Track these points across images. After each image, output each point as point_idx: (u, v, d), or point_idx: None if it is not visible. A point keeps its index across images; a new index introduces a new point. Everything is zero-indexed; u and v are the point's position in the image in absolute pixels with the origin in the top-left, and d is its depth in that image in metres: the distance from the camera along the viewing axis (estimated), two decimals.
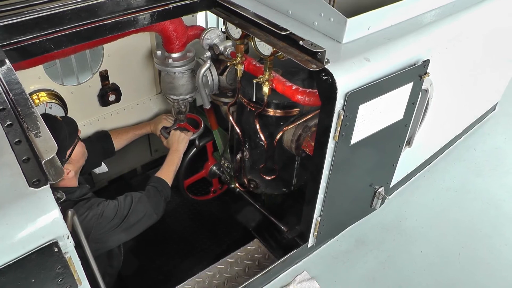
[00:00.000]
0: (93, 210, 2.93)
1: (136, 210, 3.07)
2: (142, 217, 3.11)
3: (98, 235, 2.95)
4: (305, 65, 2.25)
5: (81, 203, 2.96)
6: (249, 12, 2.67)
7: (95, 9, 2.49)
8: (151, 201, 3.18)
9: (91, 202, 2.99)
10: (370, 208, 3.30)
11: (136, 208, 3.08)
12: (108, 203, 3.02)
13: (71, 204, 2.93)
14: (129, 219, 3.04)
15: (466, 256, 3.29)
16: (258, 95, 3.06)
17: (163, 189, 3.33)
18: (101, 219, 2.94)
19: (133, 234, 3.14)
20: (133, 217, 3.06)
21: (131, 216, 3.05)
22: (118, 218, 3.00)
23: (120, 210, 3.02)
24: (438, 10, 2.99)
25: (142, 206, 3.12)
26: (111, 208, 3.00)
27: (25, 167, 1.61)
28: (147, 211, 3.14)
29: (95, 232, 2.93)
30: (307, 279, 2.98)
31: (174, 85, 3.52)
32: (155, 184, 3.32)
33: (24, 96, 1.85)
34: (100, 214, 2.95)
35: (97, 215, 2.93)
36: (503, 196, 3.82)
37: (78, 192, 3.02)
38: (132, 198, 3.10)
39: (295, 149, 3.12)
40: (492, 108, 4.71)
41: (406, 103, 2.77)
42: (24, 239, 1.53)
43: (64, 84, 3.44)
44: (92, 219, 2.91)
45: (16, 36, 2.25)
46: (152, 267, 4.09)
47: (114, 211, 3.00)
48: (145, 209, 3.13)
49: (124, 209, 3.04)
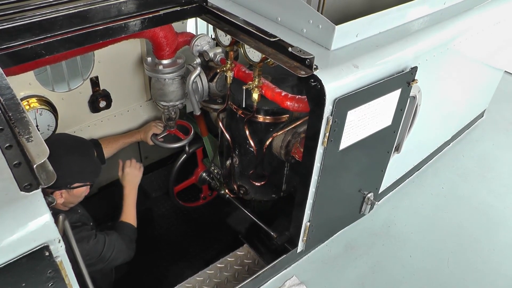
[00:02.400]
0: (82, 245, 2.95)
1: (115, 258, 3.21)
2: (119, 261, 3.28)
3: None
4: (294, 71, 2.27)
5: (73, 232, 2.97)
6: (238, 19, 2.69)
7: (86, 15, 2.49)
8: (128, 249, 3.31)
9: (81, 235, 3.02)
10: (359, 214, 3.32)
11: (115, 256, 3.20)
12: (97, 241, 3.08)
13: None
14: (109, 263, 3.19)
15: (455, 261, 3.31)
16: (248, 102, 3.07)
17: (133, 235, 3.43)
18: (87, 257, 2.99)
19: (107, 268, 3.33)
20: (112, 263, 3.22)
21: (111, 261, 3.19)
22: (100, 261, 3.12)
23: (103, 255, 3.12)
24: (426, 18, 3.02)
25: (121, 253, 3.25)
26: (97, 250, 3.08)
27: (16, 171, 1.61)
28: (124, 257, 3.30)
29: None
30: (297, 284, 2.99)
31: (164, 91, 3.53)
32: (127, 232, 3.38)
33: (15, 101, 1.85)
34: (88, 251, 3.01)
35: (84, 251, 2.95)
36: (491, 202, 3.86)
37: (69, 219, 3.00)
38: (114, 247, 3.18)
39: (284, 155, 3.14)
40: (480, 115, 4.75)
41: (395, 110, 2.79)
42: (15, 243, 1.53)
43: (54, 90, 3.44)
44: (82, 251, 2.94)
45: (7, 41, 2.25)
46: (142, 272, 4.08)
47: (98, 254, 3.09)
48: (123, 256, 3.27)
49: (106, 253, 3.13)
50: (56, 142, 3.08)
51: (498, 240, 3.54)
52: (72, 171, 2.98)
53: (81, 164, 3.05)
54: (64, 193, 2.97)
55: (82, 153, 3.12)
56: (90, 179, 3.11)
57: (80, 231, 3.03)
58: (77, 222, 3.10)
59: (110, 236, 3.18)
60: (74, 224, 3.05)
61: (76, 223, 3.08)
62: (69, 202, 3.08)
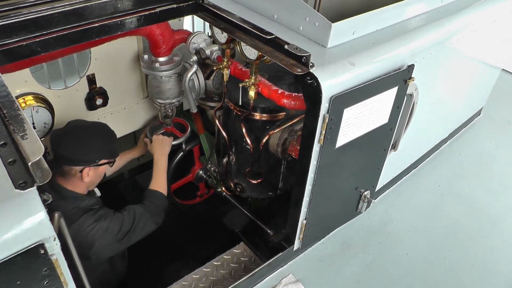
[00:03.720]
0: (100, 223, 3.00)
1: (138, 226, 3.16)
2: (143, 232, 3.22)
3: (101, 248, 3.02)
4: (290, 69, 2.26)
5: (90, 213, 3.02)
6: (235, 16, 2.69)
7: (82, 13, 2.49)
8: (153, 217, 3.28)
9: (99, 214, 3.06)
10: (356, 211, 3.32)
11: (138, 225, 3.16)
12: (114, 218, 3.09)
13: (79, 212, 3.00)
14: (131, 235, 3.14)
15: (451, 258, 3.32)
16: (244, 99, 3.07)
17: (162, 202, 3.41)
18: (106, 233, 3.01)
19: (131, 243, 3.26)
20: (135, 234, 3.16)
21: (133, 232, 3.14)
22: (121, 233, 3.08)
23: (124, 226, 3.10)
24: (423, 16, 3.02)
25: (143, 223, 3.20)
26: (116, 223, 3.07)
27: (11, 169, 1.61)
28: (150, 226, 3.25)
29: (99, 245, 3.00)
30: (293, 282, 2.99)
31: (161, 89, 3.53)
32: (154, 199, 3.38)
33: (10, 98, 1.85)
34: (106, 228, 3.02)
35: (102, 229, 3.00)
36: (487, 200, 3.87)
37: (87, 202, 3.10)
38: (135, 215, 3.17)
39: (281, 153, 3.14)
40: (477, 113, 4.76)
41: (391, 107, 2.79)
42: (10, 241, 1.52)
43: (51, 87, 3.42)
44: (98, 232, 2.98)
45: (2, 38, 2.25)
46: (139, 271, 4.08)
47: (118, 227, 3.07)
48: (146, 225, 3.23)
49: (127, 225, 3.11)
50: (80, 124, 3.21)
51: (494, 238, 3.55)
52: (98, 148, 3.07)
53: (105, 141, 3.13)
54: (91, 170, 3.04)
55: (104, 132, 3.20)
56: (113, 156, 3.19)
57: (97, 211, 3.08)
58: (95, 205, 3.15)
59: (129, 210, 3.21)
60: (92, 207, 3.11)
61: (94, 205, 3.14)
62: (91, 183, 3.15)
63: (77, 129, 3.12)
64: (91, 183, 3.13)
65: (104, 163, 3.10)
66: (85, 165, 3.00)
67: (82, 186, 3.10)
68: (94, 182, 3.17)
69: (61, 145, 3.00)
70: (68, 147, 2.98)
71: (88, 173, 3.03)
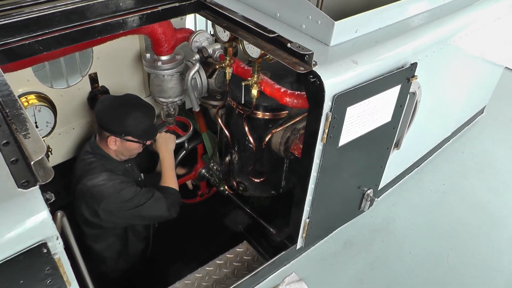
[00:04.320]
0: (114, 183, 3.16)
1: (151, 206, 3.24)
2: (153, 215, 3.34)
3: (108, 206, 3.13)
4: (293, 67, 2.26)
5: (110, 173, 3.20)
6: (237, 15, 2.68)
7: (84, 11, 2.49)
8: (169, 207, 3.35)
9: (119, 177, 3.23)
10: (359, 210, 3.31)
11: (151, 205, 3.25)
12: (131, 186, 3.22)
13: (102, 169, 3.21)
14: (141, 210, 3.22)
15: (454, 257, 3.31)
16: (247, 98, 3.06)
17: (176, 197, 3.48)
18: (116, 195, 3.14)
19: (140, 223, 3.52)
20: (145, 211, 3.24)
21: (144, 208, 3.22)
22: (131, 203, 3.18)
23: (137, 198, 3.20)
24: (426, 14, 3.01)
25: (157, 207, 3.29)
26: (131, 191, 3.20)
27: (13, 168, 1.61)
28: (160, 213, 3.33)
29: (107, 202, 3.13)
30: (296, 281, 2.99)
31: (163, 88, 3.52)
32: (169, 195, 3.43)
33: (12, 97, 1.85)
34: (119, 190, 3.15)
35: (115, 189, 3.14)
36: (490, 198, 3.86)
37: (114, 165, 3.31)
38: (153, 195, 3.27)
39: (283, 151, 3.13)
40: (480, 112, 4.75)
41: (394, 106, 2.78)
42: (13, 240, 1.53)
43: (53, 86, 3.42)
44: (109, 189, 3.13)
45: (4, 37, 2.24)
46: (140, 270, 4.07)
47: (131, 195, 3.18)
48: (158, 210, 3.31)
49: (141, 199, 3.21)
50: (129, 97, 3.38)
51: (497, 236, 3.54)
52: (130, 124, 3.18)
53: (140, 122, 3.23)
54: (118, 141, 3.21)
55: (145, 113, 3.29)
56: (143, 138, 3.30)
57: (118, 175, 3.24)
58: (119, 170, 3.33)
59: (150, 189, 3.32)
60: (115, 171, 3.28)
61: (118, 170, 3.31)
62: (120, 152, 3.31)
63: (124, 100, 3.30)
64: (118, 152, 3.31)
65: (131, 140, 3.23)
66: (110, 133, 3.17)
67: (111, 151, 3.28)
68: (122, 153, 3.34)
69: (100, 107, 3.20)
70: (102, 110, 3.18)
71: (115, 142, 3.20)
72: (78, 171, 3.27)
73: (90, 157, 3.27)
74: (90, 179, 3.16)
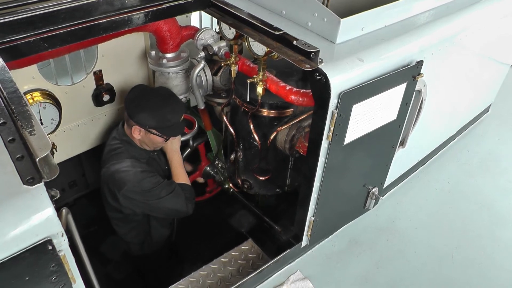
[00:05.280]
0: (136, 171, 3.23)
1: (171, 199, 3.31)
2: (171, 208, 3.38)
3: (128, 193, 3.22)
4: (299, 65, 2.25)
5: (133, 161, 3.27)
6: (243, 12, 2.67)
7: (89, 9, 2.48)
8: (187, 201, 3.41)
9: (142, 165, 3.32)
10: (364, 209, 3.31)
11: (171, 199, 3.31)
12: (152, 177, 3.27)
13: (126, 155, 3.28)
14: (160, 203, 3.28)
15: (459, 256, 3.30)
16: (252, 96, 3.06)
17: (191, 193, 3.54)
18: (137, 183, 3.20)
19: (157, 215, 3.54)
20: (164, 204, 3.30)
21: (164, 201, 3.28)
22: (150, 194, 3.24)
23: (157, 189, 3.25)
24: (432, 12, 3.00)
25: (177, 201, 3.35)
26: (152, 182, 3.25)
27: (19, 165, 1.61)
28: (178, 207, 3.39)
29: (127, 189, 3.18)
30: (301, 279, 2.99)
31: (168, 85, 3.53)
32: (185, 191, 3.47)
33: (17, 94, 1.85)
34: (140, 179, 3.21)
35: (137, 177, 3.21)
36: (495, 197, 3.84)
37: (138, 153, 3.36)
38: (174, 189, 3.33)
39: (288, 149, 3.13)
40: (486, 110, 4.73)
41: (400, 104, 2.77)
42: (18, 237, 1.53)
43: (58, 84, 3.43)
44: (130, 176, 3.20)
45: (9, 35, 2.24)
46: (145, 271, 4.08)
47: (152, 185, 3.24)
48: (177, 204, 3.36)
49: (161, 191, 3.26)
50: (161, 90, 3.40)
51: (502, 235, 3.53)
52: (157, 117, 3.20)
53: (167, 118, 3.24)
54: (142, 131, 3.24)
55: (174, 110, 3.30)
56: (168, 134, 3.31)
57: (141, 164, 3.31)
58: (143, 158, 3.39)
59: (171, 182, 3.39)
60: (140, 159, 3.35)
61: (142, 158, 3.37)
62: (143, 142, 3.35)
63: (156, 93, 3.31)
64: (142, 142, 3.36)
65: (155, 133, 3.25)
66: (136, 123, 3.19)
67: (135, 139, 3.32)
68: (146, 143, 3.37)
69: (131, 95, 3.24)
70: (132, 100, 3.22)
71: (139, 132, 3.24)
72: (104, 156, 3.35)
73: (117, 143, 3.33)
74: (114, 164, 3.23)
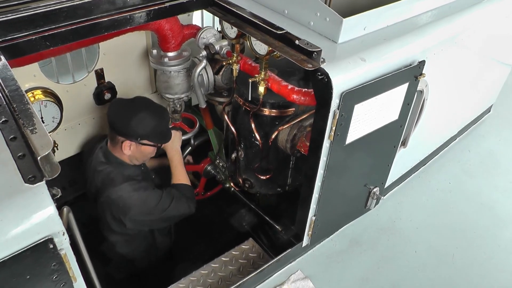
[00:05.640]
0: (139, 193, 3.16)
1: (174, 207, 3.28)
2: (178, 214, 3.36)
3: (135, 217, 3.16)
4: (301, 64, 2.25)
5: (131, 182, 3.18)
6: (245, 11, 2.67)
7: (91, 7, 2.48)
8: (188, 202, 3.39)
9: (141, 185, 3.21)
10: (365, 208, 3.31)
11: (175, 206, 3.28)
12: (153, 192, 3.23)
13: (121, 178, 3.18)
14: (167, 213, 3.25)
15: (460, 256, 3.30)
16: (254, 95, 3.06)
17: (191, 193, 3.52)
18: (142, 205, 3.16)
19: (166, 225, 3.58)
20: (171, 212, 3.27)
21: (169, 211, 3.26)
22: (157, 209, 3.21)
23: (161, 203, 3.22)
24: (434, 12, 2.99)
25: (180, 206, 3.33)
26: (155, 198, 3.21)
27: (20, 163, 1.61)
28: (183, 211, 3.37)
29: (134, 213, 3.15)
30: (301, 279, 2.99)
31: (169, 84, 3.52)
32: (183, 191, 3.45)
33: (19, 92, 1.85)
34: (144, 200, 3.17)
35: (140, 199, 3.15)
36: (496, 198, 3.84)
37: (131, 171, 3.29)
38: (174, 196, 3.29)
39: (290, 149, 3.12)
40: (487, 110, 4.73)
41: (402, 104, 2.77)
42: (19, 235, 1.53)
43: (59, 82, 3.42)
44: (136, 200, 3.14)
45: (11, 33, 2.24)
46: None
47: (156, 201, 3.20)
48: (181, 209, 3.34)
49: (164, 203, 3.23)
50: (141, 99, 3.32)
51: (503, 236, 3.53)
52: (146, 127, 3.15)
53: (156, 125, 3.20)
54: (133, 145, 3.17)
55: (160, 116, 3.26)
56: (159, 141, 3.29)
57: (139, 182, 3.23)
58: (138, 176, 3.31)
59: (169, 190, 3.34)
60: (135, 177, 3.28)
61: (138, 176, 3.31)
62: (134, 157, 3.27)
63: (137, 103, 3.24)
64: (133, 157, 3.26)
65: (147, 144, 3.21)
66: (126, 138, 3.13)
67: (125, 157, 3.24)
68: (137, 158, 3.29)
69: (113, 111, 3.16)
70: (117, 115, 3.14)
71: (130, 147, 3.17)
72: (98, 183, 3.26)
73: (107, 167, 3.25)
74: (113, 192, 3.15)
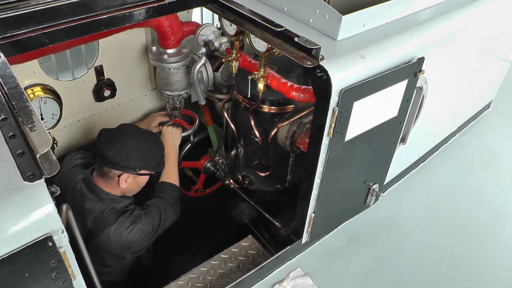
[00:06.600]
0: (137, 225, 3.08)
1: (164, 220, 3.24)
2: (168, 224, 3.31)
3: (138, 247, 3.13)
4: (300, 61, 2.25)
5: (126, 215, 3.09)
6: (244, 8, 2.67)
7: (90, 4, 2.48)
8: (173, 208, 3.35)
9: (134, 215, 3.13)
10: (364, 205, 3.30)
11: (164, 218, 3.24)
12: (147, 218, 3.15)
13: (115, 214, 3.08)
14: (161, 229, 3.23)
15: (459, 253, 3.30)
16: (253, 92, 3.06)
17: (177, 194, 3.46)
18: (143, 234, 3.10)
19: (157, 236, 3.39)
20: (163, 226, 3.25)
21: (162, 225, 3.22)
22: (154, 230, 3.17)
23: (155, 224, 3.18)
24: (433, 8, 2.99)
25: (168, 216, 3.29)
26: (150, 223, 3.15)
27: (19, 161, 1.61)
28: (172, 218, 3.34)
29: (137, 246, 3.11)
30: (301, 276, 2.99)
31: (169, 81, 3.52)
32: (170, 192, 3.42)
33: (18, 90, 1.85)
34: (143, 230, 3.10)
35: (140, 230, 3.08)
36: (496, 194, 3.84)
37: (123, 203, 3.16)
38: (160, 210, 3.24)
39: (289, 145, 3.12)
40: (487, 106, 4.73)
41: (401, 100, 2.77)
42: (18, 233, 1.53)
43: (59, 79, 3.42)
44: (136, 233, 3.06)
45: (11, 30, 2.24)
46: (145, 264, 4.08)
47: (151, 225, 3.15)
48: (170, 218, 3.31)
49: (157, 222, 3.19)
50: (131, 129, 3.26)
51: (503, 232, 3.53)
52: (143, 157, 3.08)
53: (151, 153, 3.15)
54: (129, 177, 3.07)
55: (153, 143, 3.22)
56: (156, 169, 3.23)
57: (132, 212, 3.14)
58: (130, 205, 3.21)
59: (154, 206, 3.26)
60: (127, 208, 3.17)
61: (129, 206, 3.19)
62: (129, 190, 3.17)
63: (128, 133, 3.13)
64: (128, 190, 3.16)
65: (145, 173, 3.12)
66: (124, 170, 3.03)
67: (118, 190, 3.12)
68: (131, 190, 3.20)
69: (106, 145, 3.00)
70: (112, 148, 2.98)
71: (126, 179, 3.06)
72: (88, 223, 3.09)
73: (97, 204, 3.09)
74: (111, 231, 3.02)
